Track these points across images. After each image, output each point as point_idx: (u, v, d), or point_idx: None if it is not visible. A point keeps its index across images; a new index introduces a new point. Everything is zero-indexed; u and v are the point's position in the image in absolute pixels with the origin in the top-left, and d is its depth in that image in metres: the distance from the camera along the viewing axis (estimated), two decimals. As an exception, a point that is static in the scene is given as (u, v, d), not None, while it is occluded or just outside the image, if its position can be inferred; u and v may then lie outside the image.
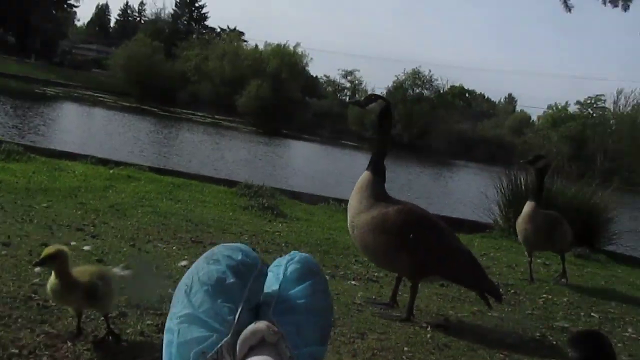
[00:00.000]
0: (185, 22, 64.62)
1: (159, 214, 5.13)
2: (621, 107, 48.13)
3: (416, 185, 20.05)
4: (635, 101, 47.68)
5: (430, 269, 3.41)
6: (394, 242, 3.27)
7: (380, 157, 3.45)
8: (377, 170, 3.42)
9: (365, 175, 3.44)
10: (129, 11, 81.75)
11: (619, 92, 48.46)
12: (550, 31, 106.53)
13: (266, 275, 1.52)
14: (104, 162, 8.10)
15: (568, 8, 4.27)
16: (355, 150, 35.55)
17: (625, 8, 3.99)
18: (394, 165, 28.13)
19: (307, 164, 22.03)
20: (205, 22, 64.93)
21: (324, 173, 18.84)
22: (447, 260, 3.38)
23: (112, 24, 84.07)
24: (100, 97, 40.33)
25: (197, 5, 64.10)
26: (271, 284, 1.51)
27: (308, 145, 34.70)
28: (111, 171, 7.24)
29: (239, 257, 1.47)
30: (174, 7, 64.00)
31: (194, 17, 64.46)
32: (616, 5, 3.99)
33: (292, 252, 1.65)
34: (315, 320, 1.47)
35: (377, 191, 3.38)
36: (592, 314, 4.25)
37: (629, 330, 3.93)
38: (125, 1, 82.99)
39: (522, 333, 3.48)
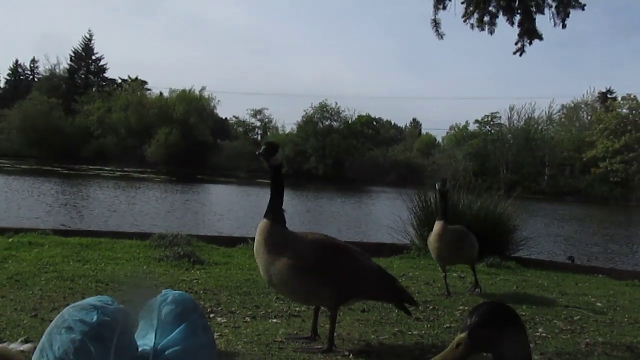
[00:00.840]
0: (82, 75, 62.50)
1: (64, 279, 4.84)
2: (514, 122, 51.71)
3: (342, 216, 20.31)
4: (526, 115, 51.43)
5: (350, 294, 3.47)
6: (315, 278, 3.29)
7: (277, 203, 3.43)
8: (275, 215, 3.39)
9: (263, 223, 3.39)
10: (19, 70, 77.95)
11: (512, 109, 52.20)
12: (445, 56, 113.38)
13: (135, 325, 1.42)
14: (2, 231, 7.55)
15: (440, 36, 4.57)
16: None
17: (491, 32, 4.36)
18: (316, 199, 28.47)
19: (224, 206, 21.74)
20: (104, 74, 63.13)
21: (242, 213, 18.66)
22: (364, 282, 3.45)
23: (1, 85, 79.76)
24: (-4, 161, 37.84)
25: (94, 57, 62.33)
26: (146, 331, 1.42)
27: (224, 188, 34.30)
28: (10, 240, 6.76)
29: (94, 319, 1.34)
30: (69, 62, 61.80)
31: (92, 70, 62.52)
32: (482, 29, 4.34)
33: (164, 292, 1.56)
34: None
35: (280, 236, 3.37)
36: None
37: (540, 329, 4.16)
38: (14, 60, 78.88)
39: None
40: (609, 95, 54.68)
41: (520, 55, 4.48)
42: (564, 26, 4.14)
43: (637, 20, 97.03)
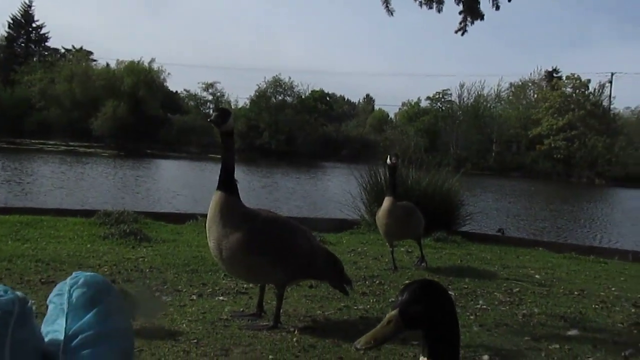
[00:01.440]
0: (22, 44, 59.40)
1: (1, 259, 4.65)
2: (465, 99, 52.68)
3: (294, 191, 20.31)
4: (476, 93, 52.47)
5: (299, 274, 3.48)
6: (267, 257, 3.26)
7: (229, 173, 3.35)
8: (229, 188, 3.32)
9: (218, 196, 3.30)
10: (-46, 36, 73.44)
11: (462, 86, 53.09)
12: (398, 32, 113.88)
13: (31, 312, 1.29)
14: None
15: (390, 12, 4.57)
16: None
17: (439, 10, 4.39)
18: (271, 174, 28.34)
19: (174, 182, 21.35)
20: (46, 44, 60.18)
21: (192, 189, 18.39)
22: (312, 263, 3.47)
23: None
24: None
25: (34, 25, 59.26)
26: (56, 317, 1.34)
27: (174, 163, 33.68)
28: (-58, 217, 6.45)
29: None
30: (7, 30, 58.51)
31: (32, 38, 59.48)
32: (431, 7, 4.37)
33: (75, 274, 1.47)
34: (112, 347, 1.33)
35: (236, 209, 3.32)
36: (449, 292, 4.58)
37: (480, 302, 4.31)
38: (-52, 26, 74.31)
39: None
40: (554, 75, 56.36)
41: (462, 34, 4.55)
42: (497, 8, 4.22)
43: (582, 2, 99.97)
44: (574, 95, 49.14)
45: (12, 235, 5.83)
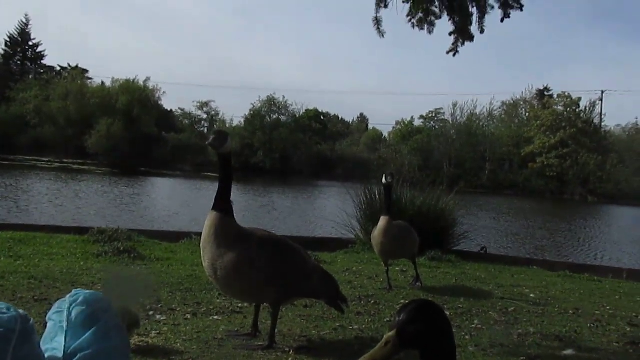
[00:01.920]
0: (18, 62, 59.57)
1: (-6, 276, 4.62)
2: (458, 118, 53.08)
3: (288, 211, 20.28)
4: (469, 111, 52.90)
5: (294, 292, 3.48)
6: (262, 276, 3.25)
7: (226, 194, 3.36)
8: (225, 208, 3.33)
9: (213, 216, 3.31)
10: (-51, 54, 73.57)
11: (455, 105, 53.53)
12: (391, 52, 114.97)
13: (33, 330, 1.30)
14: None
15: (381, 34, 4.64)
16: (217, 181, 35.13)
17: (430, 31, 4.46)
18: (267, 193, 28.28)
19: (169, 200, 21.30)
20: (41, 61, 60.36)
21: (186, 207, 18.34)
22: (308, 281, 3.46)
23: None
24: None
25: (30, 43, 59.49)
26: (55, 334, 1.35)
27: (169, 181, 33.59)
28: None
29: None
30: (3, 47, 58.69)
31: (29, 56, 59.66)
32: (422, 29, 4.44)
33: (74, 291, 1.48)
34: None
35: (230, 229, 3.32)
36: (444, 311, 4.58)
37: (475, 321, 4.30)
38: (-56, 43, 74.40)
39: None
40: (546, 93, 56.92)
41: (454, 55, 4.61)
42: (482, 31, 4.28)
43: (572, 22, 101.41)
44: (565, 113, 49.61)
45: (5, 252, 5.79)
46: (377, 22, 4.79)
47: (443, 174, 44.11)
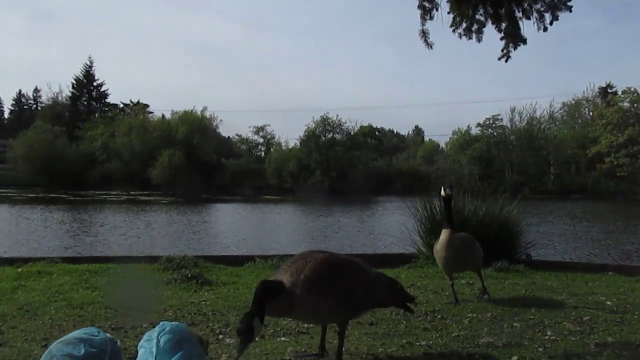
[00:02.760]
0: (85, 102, 63.09)
1: (74, 307, 4.88)
2: (517, 123, 51.67)
3: (348, 229, 20.31)
4: (528, 115, 51.41)
5: (362, 307, 3.49)
6: (329, 300, 3.26)
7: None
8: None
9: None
10: (23, 100, 78.83)
11: (513, 110, 52.19)
12: (442, 62, 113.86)
13: (120, 351, 1.48)
14: (11, 261, 7.63)
15: (429, 45, 4.63)
16: (278, 203, 35.62)
17: (479, 40, 4.41)
18: (330, 212, 28.39)
19: (231, 225, 21.78)
20: (106, 100, 63.71)
21: (248, 231, 18.68)
22: (373, 292, 3.46)
23: (5, 115, 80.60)
24: (3, 192, 38.12)
25: (95, 84, 62.90)
26: (146, 359, 1.49)
27: (230, 206, 34.36)
28: (19, 270, 6.83)
29: (81, 352, 1.40)
30: (71, 89, 62.43)
31: (94, 96, 63.11)
32: (470, 38, 4.40)
33: (161, 323, 1.62)
34: None
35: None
36: (514, 323, 4.45)
37: (548, 333, 4.15)
38: (17, 90, 79.84)
39: (449, 356, 3.59)
40: (609, 90, 54.64)
41: (506, 61, 4.54)
42: (545, 29, 4.19)
43: (629, 10, 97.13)
44: (632, 109, 47.33)
45: (82, 284, 6.09)
46: (424, 34, 4.80)
47: (505, 181, 42.90)
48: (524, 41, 4.41)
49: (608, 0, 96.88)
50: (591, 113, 53.34)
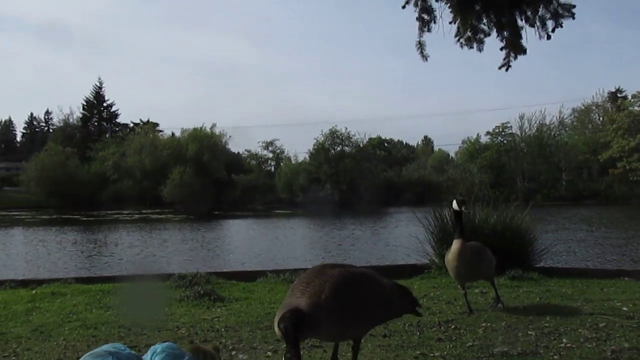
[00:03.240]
0: (95, 123, 63.81)
1: (88, 327, 4.91)
2: (526, 130, 51.45)
3: (360, 241, 20.27)
4: (537, 122, 51.18)
5: (380, 320, 3.45)
6: (353, 315, 3.21)
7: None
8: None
9: None
10: (34, 122, 79.88)
11: (522, 117, 52.00)
12: (448, 71, 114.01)
13: None
14: (25, 283, 7.69)
15: (424, 57, 4.65)
16: (289, 217, 35.63)
17: (480, 49, 4.43)
18: (344, 225, 28.35)
19: (243, 240, 21.81)
20: (116, 120, 64.39)
21: (260, 246, 18.69)
22: (390, 303, 3.41)
23: (18, 139, 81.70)
24: (17, 215, 38.51)
25: (105, 104, 63.63)
26: None
27: (241, 222, 34.43)
28: (33, 292, 6.88)
29: None
30: (82, 111, 63.18)
31: (104, 116, 63.82)
32: (471, 47, 4.42)
33: (152, 347, 1.68)
34: None
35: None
36: (529, 332, 4.41)
37: (564, 340, 4.10)
38: (29, 113, 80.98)
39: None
40: (618, 95, 54.31)
41: (507, 70, 4.55)
42: (549, 37, 4.20)
43: (636, 15, 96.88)
44: (643, 113, 47.00)
45: (95, 304, 6.12)
46: (421, 46, 4.82)
47: (517, 189, 42.67)
48: (524, 51, 4.43)
49: (613, 5, 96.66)
50: (601, 118, 53.00)
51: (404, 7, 4.71)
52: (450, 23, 4.48)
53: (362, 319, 3.20)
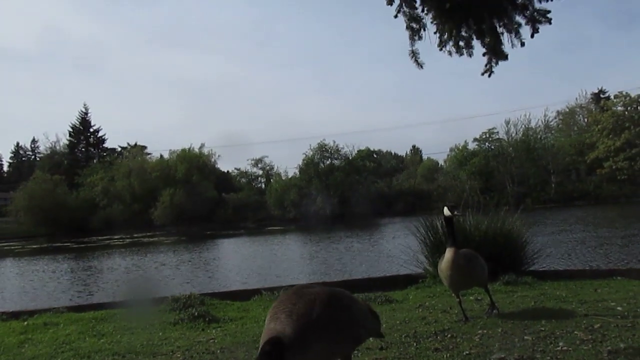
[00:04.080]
0: (83, 149, 63.55)
1: (81, 356, 4.84)
2: (513, 135, 51.87)
3: (354, 253, 20.22)
4: (523, 126, 51.63)
5: (364, 338, 3.41)
6: (343, 330, 3.17)
7: None
8: None
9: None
10: (21, 152, 79.39)
11: (508, 122, 52.46)
12: (434, 80, 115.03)
13: None
14: (16, 315, 7.59)
15: (419, 65, 4.70)
16: (282, 233, 35.52)
17: (470, 55, 4.48)
18: (339, 238, 28.26)
19: (236, 259, 21.69)
20: (104, 145, 64.17)
21: (254, 264, 18.59)
22: (366, 323, 3.38)
23: (5, 169, 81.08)
24: (6, 245, 38.06)
25: (91, 130, 63.44)
26: None
27: (233, 241, 34.26)
28: (25, 323, 6.79)
29: None
30: (68, 138, 62.92)
31: (91, 142, 63.58)
32: (461, 54, 4.47)
33: None
34: None
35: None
36: (526, 337, 4.41)
37: (560, 344, 4.10)
38: (15, 142, 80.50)
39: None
40: (601, 96, 55.04)
41: (489, 76, 4.61)
42: (522, 44, 4.27)
43: (623, 16, 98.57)
44: (626, 113, 47.60)
45: (88, 332, 6.04)
46: (414, 54, 4.87)
47: (507, 193, 42.90)
48: (505, 57, 4.49)
49: (591, 8, 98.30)
50: (586, 119, 53.59)
51: (395, 16, 4.76)
52: (435, 33, 4.54)
53: (350, 336, 3.18)
